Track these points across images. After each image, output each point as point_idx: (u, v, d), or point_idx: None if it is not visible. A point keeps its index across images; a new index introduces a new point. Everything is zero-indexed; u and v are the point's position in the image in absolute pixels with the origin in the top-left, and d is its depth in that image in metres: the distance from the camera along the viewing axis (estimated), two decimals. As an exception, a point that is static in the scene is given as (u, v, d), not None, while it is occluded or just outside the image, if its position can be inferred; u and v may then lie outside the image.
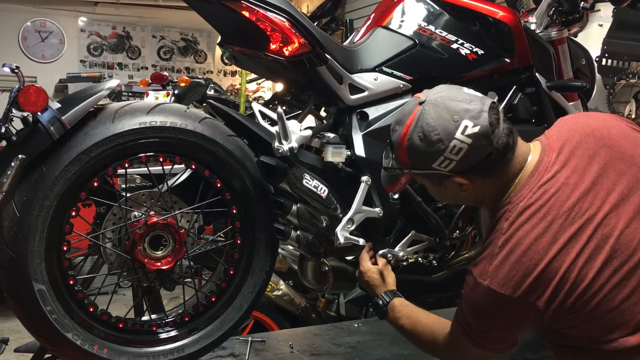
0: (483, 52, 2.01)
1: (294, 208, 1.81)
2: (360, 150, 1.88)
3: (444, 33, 1.99)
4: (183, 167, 1.79)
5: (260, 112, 1.89)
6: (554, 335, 1.44)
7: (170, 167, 1.77)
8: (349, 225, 1.84)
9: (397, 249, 1.93)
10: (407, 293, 1.79)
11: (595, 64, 3.44)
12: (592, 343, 1.36)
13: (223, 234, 1.91)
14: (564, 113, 2.11)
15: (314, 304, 3.58)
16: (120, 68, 8.83)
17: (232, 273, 1.86)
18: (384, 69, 1.93)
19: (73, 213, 1.65)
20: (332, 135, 1.91)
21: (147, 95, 4.94)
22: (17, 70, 3.93)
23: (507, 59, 2.05)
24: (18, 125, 1.72)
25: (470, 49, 2.00)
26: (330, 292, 3.23)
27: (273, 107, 1.95)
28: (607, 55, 4.35)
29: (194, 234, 1.83)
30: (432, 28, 1.99)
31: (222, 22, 1.86)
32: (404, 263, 1.92)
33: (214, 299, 1.86)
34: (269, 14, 1.72)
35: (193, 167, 1.76)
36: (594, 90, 2.52)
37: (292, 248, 1.98)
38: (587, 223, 1.33)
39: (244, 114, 2.19)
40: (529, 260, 1.32)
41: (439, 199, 1.88)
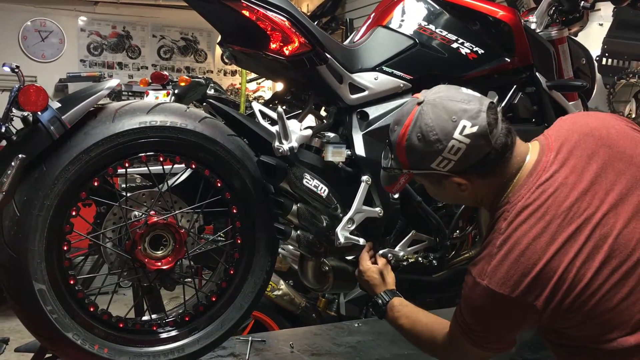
0: (483, 51, 2.01)
1: (294, 208, 1.81)
2: (361, 150, 1.88)
3: (444, 32, 1.99)
4: (183, 166, 1.79)
5: (261, 111, 1.89)
6: (553, 335, 1.44)
7: (171, 166, 1.77)
8: (349, 225, 1.84)
9: (397, 249, 1.93)
10: (407, 293, 1.79)
11: (596, 64, 3.45)
12: (591, 343, 1.36)
13: (223, 234, 1.91)
14: (564, 112, 2.11)
15: (314, 304, 3.58)
16: (120, 67, 8.81)
17: (232, 273, 1.86)
18: (384, 69, 1.93)
19: (73, 213, 1.65)
20: (332, 135, 1.91)
21: (147, 95, 4.94)
22: (17, 70, 3.92)
23: (507, 59, 2.05)
24: (18, 125, 1.72)
25: (471, 49, 2.00)
26: (331, 291, 3.25)
27: (273, 106, 1.95)
28: (607, 55, 4.35)
29: (194, 234, 1.83)
30: (432, 27, 1.99)
31: (222, 21, 1.86)
32: (404, 263, 1.92)
33: (215, 299, 1.86)
34: (269, 13, 1.72)
35: (193, 166, 1.76)
36: (594, 90, 2.52)
37: (292, 248, 1.98)
38: (585, 223, 1.33)
39: (244, 114, 2.19)
40: (527, 260, 1.32)
41: (438, 199, 1.88)
